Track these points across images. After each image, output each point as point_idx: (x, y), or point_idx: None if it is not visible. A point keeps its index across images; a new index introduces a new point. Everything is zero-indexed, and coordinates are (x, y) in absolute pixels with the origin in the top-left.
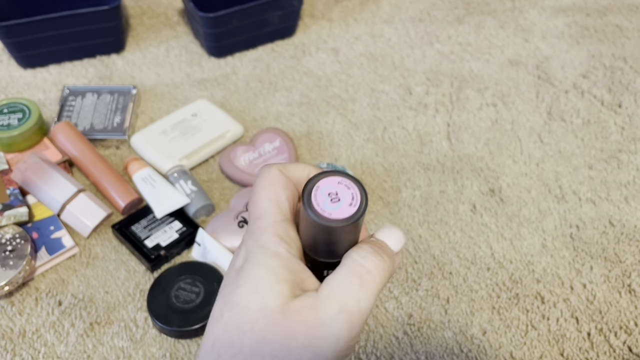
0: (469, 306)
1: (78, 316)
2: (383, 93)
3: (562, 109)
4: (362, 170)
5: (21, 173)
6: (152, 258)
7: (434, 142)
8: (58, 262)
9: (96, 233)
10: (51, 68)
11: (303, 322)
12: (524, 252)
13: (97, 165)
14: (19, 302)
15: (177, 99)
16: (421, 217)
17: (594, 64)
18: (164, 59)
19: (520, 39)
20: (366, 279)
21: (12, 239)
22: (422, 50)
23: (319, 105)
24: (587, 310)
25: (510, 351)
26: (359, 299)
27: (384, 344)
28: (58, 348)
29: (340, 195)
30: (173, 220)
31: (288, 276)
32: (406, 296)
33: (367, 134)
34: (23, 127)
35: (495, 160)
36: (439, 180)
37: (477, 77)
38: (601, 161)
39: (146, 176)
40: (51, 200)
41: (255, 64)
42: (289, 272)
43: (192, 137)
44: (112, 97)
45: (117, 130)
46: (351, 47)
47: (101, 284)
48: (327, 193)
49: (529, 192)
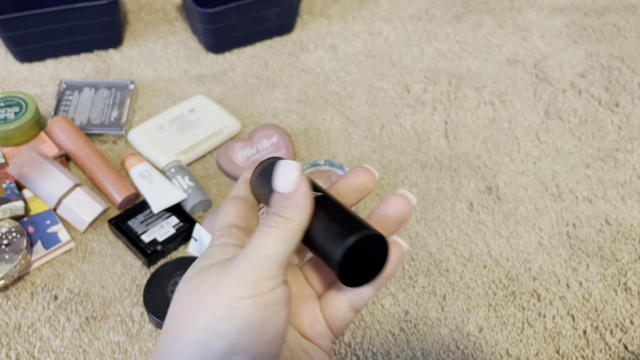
0: (465, 303)
1: (74, 311)
2: (381, 90)
3: (560, 108)
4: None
5: (17, 167)
6: (149, 253)
7: (432, 140)
8: (54, 257)
9: (92, 228)
10: (48, 62)
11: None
12: (520, 250)
13: (93, 160)
14: (14, 296)
15: (175, 94)
16: (418, 215)
17: (592, 63)
18: (162, 55)
19: (519, 37)
20: (265, 230)
21: (8, 232)
22: (421, 48)
23: (316, 102)
24: (583, 308)
25: (507, 348)
26: (263, 245)
27: (380, 341)
28: (54, 342)
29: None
30: (170, 215)
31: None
32: (403, 293)
33: (365, 131)
34: (19, 121)
35: (492, 159)
36: (436, 178)
37: (475, 75)
38: (598, 160)
39: (143, 171)
40: (47, 194)
41: (253, 60)
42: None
43: (189, 133)
44: (109, 92)
45: (114, 125)
46: (349, 45)
47: (97, 279)
48: None
49: (525, 191)
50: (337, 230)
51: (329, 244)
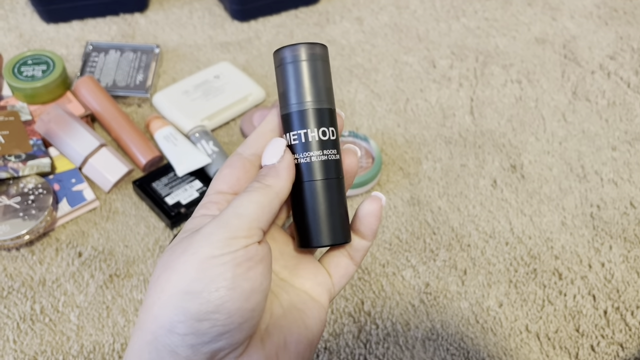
0: (486, 279)
1: (98, 268)
2: (407, 65)
3: (588, 89)
4: (383, 140)
5: (45, 124)
6: (173, 215)
7: (457, 116)
8: (79, 215)
9: (117, 188)
10: (74, 24)
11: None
12: (543, 228)
13: (119, 121)
14: (39, 251)
15: (200, 60)
16: (441, 190)
17: (622, 45)
18: (187, 21)
19: (548, 17)
20: (242, 194)
21: (35, 189)
22: (448, 23)
23: (341, 74)
24: (605, 288)
25: (526, 324)
26: (236, 205)
27: (400, 311)
28: (77, 298)
29: None
30: (194, 179)
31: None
32: (423, 265)
33: (390, 105)
34: (47, 79)
35: (517, 137)
36: (460, 154)
37: (502, 53)
38: (625, 143)
39: (168, 134)
40: (74, 152)
41: (279, 29)
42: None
43: (214, 99)
44: (135, 55)
45: (139, 88)
46: (376, 17)
47: (121, 238)
48: None
49: (550, 170)
50: (315, 223)
51: (301, 228)
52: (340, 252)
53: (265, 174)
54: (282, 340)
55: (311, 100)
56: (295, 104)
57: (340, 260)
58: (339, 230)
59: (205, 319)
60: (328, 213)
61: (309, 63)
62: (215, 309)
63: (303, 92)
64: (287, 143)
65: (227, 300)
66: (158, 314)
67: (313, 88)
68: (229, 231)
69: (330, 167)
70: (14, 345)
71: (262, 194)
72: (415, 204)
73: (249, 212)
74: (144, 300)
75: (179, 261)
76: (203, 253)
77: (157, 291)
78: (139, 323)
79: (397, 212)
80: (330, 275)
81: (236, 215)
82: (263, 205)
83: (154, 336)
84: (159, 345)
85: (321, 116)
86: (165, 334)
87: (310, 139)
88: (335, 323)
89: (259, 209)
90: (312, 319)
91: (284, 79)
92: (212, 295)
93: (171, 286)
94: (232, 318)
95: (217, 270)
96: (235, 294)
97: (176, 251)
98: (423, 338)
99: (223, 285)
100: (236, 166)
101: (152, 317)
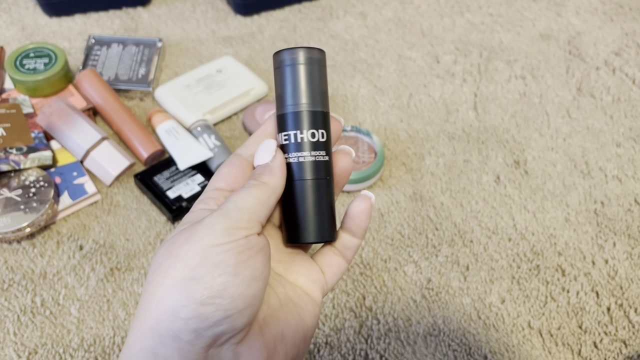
0: (488, 275)
1: (99, 261)
2: (410, 60)
3: (592, 86)
4: (385, 135)
5: (46, 117)
6: (174, 209)
7: (460, 112)
8: (80, 208)
9: (118, 182)
10: (77, 17)
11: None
12: (546, 225)
13: (121, 115)
14: (40, 244)
15: (202, 54)
16: (444, 185)
17: (627, 42)
18: (190, 15)
19: (553, 12)
20: (240, 190)
21: (36, 181)
22: (452, 19)
23: (344, 69)
24: (608, 285)
25: (529, 320)
26: (236, 199)
27: (401, 306)
28: (78, 291)
29: None
30: (195, 173)
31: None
32: (425, 261)
33: (393, 100)
34: (49, 72)
35: (521, 133)
36: (464, 150)
37: (506, 49)
38: (629, 139)
39: (170, 128)
40: (75, 145)
41: (282, 24)
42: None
43: (216, 93)
44: (137, 49)
45: (141, 81)
46: (379, 12)
47: (122, 232)
48: None
49: (554, 166)
50: (302, 220)
51: (289, 225)
52: (332, 250)
53: (261, 173)
54: (280, 331)
55: (305, 103)
56: (290, 105)
57: (332, 258)
58: (325, 228)
59: (208, 304)
60: (315, 212)
61: (306, 67)
62: (218, 294)
63: (298, 94)
64: (279, 143)
65: (229, 285)
66: (161, 299)
67: (308, 91)
68: (230, 222)
69: (319, 167)
70: (14, 337)
71: (260, 190)
72: (417, 200)
73: (249, 205)
74: (144, 289)
75: (183, 249)
76: (206, 241)
77: (158, 278)
78: (139, 310)
79: (399, 207)
80: (323, 273)
81: (237, 208)
82: (262, 200)
83: (157, 321)
84: (162, 330)
85: (314, 118)
86: (168, 318)
87: (300, 140)
88: (337, 318)
89: (258, 203)
90: (307, 312)
91: (281, 81)
92: (215, 280)
93: (175, 273)
94: (235, 303)
95: (219, 257)
96: (237, 280)
97: (178, 240)
98: (425, 334)
99: (226, 272)
100: (235, 165)
101: (155, 303)
